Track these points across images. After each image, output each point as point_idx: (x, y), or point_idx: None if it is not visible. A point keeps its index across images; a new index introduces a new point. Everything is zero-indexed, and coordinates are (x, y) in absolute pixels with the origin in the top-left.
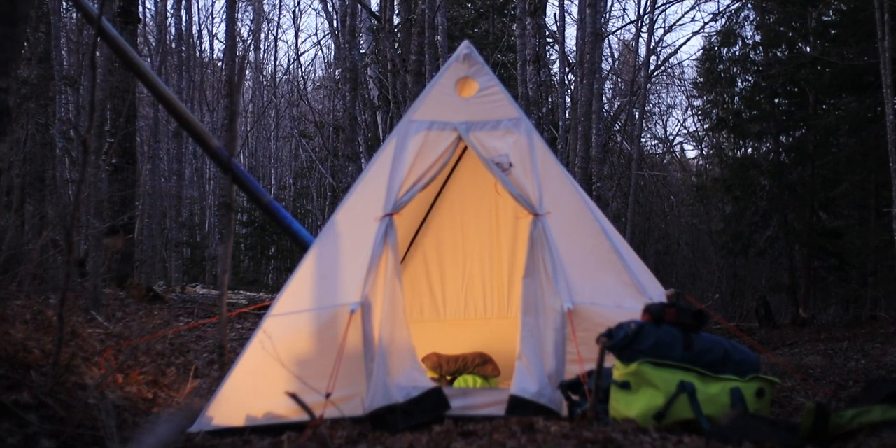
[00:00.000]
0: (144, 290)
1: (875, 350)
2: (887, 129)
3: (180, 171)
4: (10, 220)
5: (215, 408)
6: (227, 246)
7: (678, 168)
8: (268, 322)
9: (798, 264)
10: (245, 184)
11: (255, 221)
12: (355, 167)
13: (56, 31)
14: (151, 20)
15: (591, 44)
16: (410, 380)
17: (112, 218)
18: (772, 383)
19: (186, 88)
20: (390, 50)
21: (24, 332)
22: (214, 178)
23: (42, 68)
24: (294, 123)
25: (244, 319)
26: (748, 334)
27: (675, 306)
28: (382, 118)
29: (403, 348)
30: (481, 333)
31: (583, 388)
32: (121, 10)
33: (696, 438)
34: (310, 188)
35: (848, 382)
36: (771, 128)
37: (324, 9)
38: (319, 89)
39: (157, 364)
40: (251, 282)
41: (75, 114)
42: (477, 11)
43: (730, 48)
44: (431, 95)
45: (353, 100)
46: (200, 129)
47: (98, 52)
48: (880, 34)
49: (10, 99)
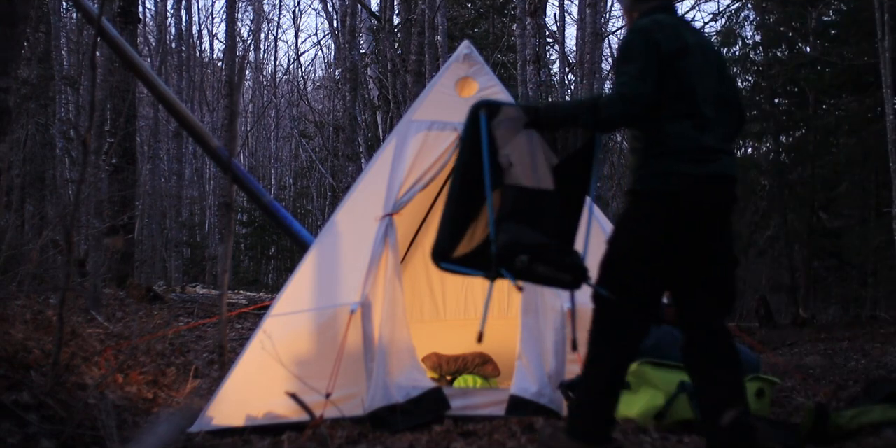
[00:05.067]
0: (144, 290)
1: (875, 350)
2: (887, 129)
3: (180, 171)
4: (10, 220)
5: (215, 408)
6: (227, 246)
7: None
8: (268, 322)
9: (798, 264)
10: (245, 184)
11: (255, 221)
12: (355, 167)
13: (56, 31)
14: (151, 20)
15: (591, 44)
16: (410, 380)
17: (112, 218)
18: (772, 383)
19: (186, 88)
20: (390, 50)
21: (24, 332)
22: (214, 178)
23: (42, 68)
24: (294, 123)
25: (244, 319)
26: (748, 334)
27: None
28: (382, 118)
29: (403, 348)
30: None
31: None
32: (121, 10)
33: (696, 438)
34: (310, 188)
35: (848, 382)
36: (771, 128)
37: (324, 9)
38: (319, 89)
39: (157, 364)
40: (251, 282)
41: (75, 114)
42: (477, 11)
43: (730, 48)
44: (431, 95)
45: (353, 100)
46: (200, 129)
47: (98, 52)
48: (880, 34)
49: (10, 99)
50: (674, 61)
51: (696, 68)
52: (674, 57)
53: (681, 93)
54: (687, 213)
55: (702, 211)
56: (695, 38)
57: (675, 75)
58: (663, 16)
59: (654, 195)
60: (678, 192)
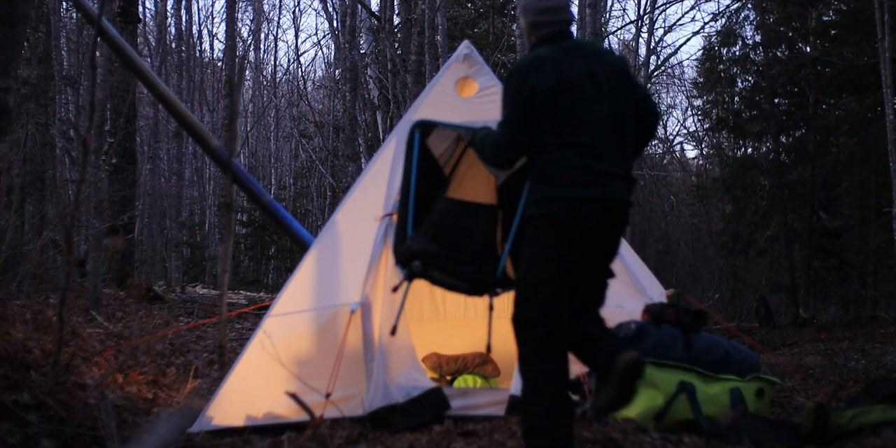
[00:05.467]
0: (144, 290)
1: (875, 350)
2: (887, 129)
3: (180, 171)
4: (10, 220)
5: (215, 408)
6: (227, 246)
7: (678, 168)
8: (268, 322)
9: (798, 264)
10: (245, 184)
11: (255, 221)
12: (355, 167)
13: (56, 31)
14: (151, 20)
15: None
16: (410, 380)
17: (112, 218)
18: (772, 383)
19: (186, 88)
20: (390, 50)
21: (24, 332)
22: (214, 178)
23: (42, 68)
24: (294, 123)
25: (244, 319)
26: (748, 334)
27: (675, 306)
28: (382, 118)
29: (403, 348)
30: (481, 333)
31: (583, 388)
32: (121, 10)
33: (696, 438)
34: (310, 188)
35: (848, 382)
36: (771, 128)
37: (324, 9)
38: (319, 89)
39: (157, 364)
40: (251, 282)
41: (75, 114)
42: (477, 11)
43: (730, 48)
44: (431, 95)
45: (353, 100)
46: (200, 129)
47: (98, 52)
48: (880, 34)
49: (10, 99)
50: (553, 99)
51: (580, 100)
52: (552, 95)
53: (563, 125)
54: (573, 233)
55: (587, 232)
56: (585, 68)
57: (553, 112)
58: (547, 50)
59: (541, 219)
60: (559, 215)
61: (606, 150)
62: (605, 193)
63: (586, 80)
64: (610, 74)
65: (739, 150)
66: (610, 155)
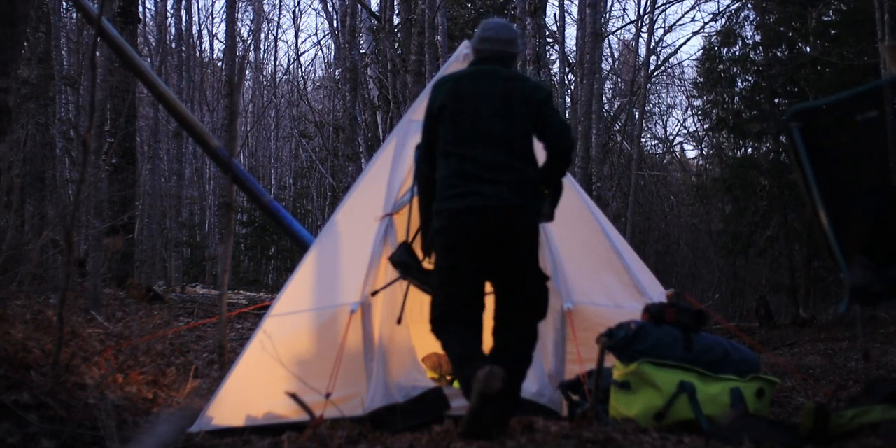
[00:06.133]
0: (144, 290)
1: (875, 350)
2: (887, 129)
3: (180, 171)
4: (10, 220)
5: (215, 408)
6: (227, 246)
7: (678, 168)
8: (268, 322)
9: (798, 264)
10: (245, 184)
11: (255, 221)
12: (355, 167)
13: (56, 31)
14: (151, 20)
15: (590, 44)
16: (410, 380)
17: (112, 218)
18: (772, 383)
19: (186, 88)
20: (390, 50)
21: (24, 332)
22: (214, 178)
23: (42, 68)
24: (294, 123)
25: (244, 319)
26: (748, 334)
27: (675, 306)
28: (382, 118)
29: (403, 348)
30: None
31: (583, 388)
32: (121, 10)
33: (696, 438)
34: (310, 188)
35: (848, 382)
36: (771, 128)
37: (324, 9)
38: (319, 89)
39: (157, 364)
40: (251, 282)
41: (75, 114)
42: (477, 11)
43: (730, 48)
44: None
45: (353, 100)
46: (200, 129)
47: (98, 52)
48: (880, 34)
49: (10, 99)
50: (443, 111)
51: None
52: (440, 109)
53: (449, 134)
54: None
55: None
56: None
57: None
58: (464, 70)
59: (434, 231)
60: (444, 227)
61: (491, 160)
62: (482, 201)
63: (482, 99)
64: (514, 96)
65: (739, 150)
66: (495, 165)
